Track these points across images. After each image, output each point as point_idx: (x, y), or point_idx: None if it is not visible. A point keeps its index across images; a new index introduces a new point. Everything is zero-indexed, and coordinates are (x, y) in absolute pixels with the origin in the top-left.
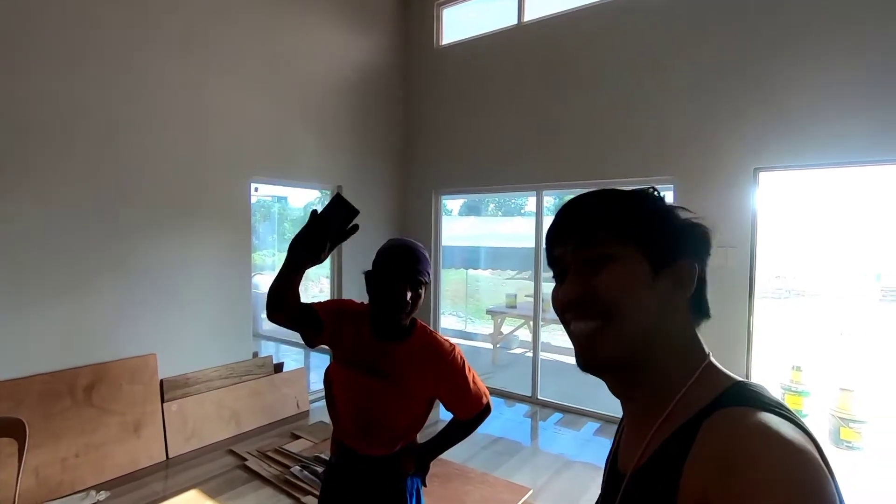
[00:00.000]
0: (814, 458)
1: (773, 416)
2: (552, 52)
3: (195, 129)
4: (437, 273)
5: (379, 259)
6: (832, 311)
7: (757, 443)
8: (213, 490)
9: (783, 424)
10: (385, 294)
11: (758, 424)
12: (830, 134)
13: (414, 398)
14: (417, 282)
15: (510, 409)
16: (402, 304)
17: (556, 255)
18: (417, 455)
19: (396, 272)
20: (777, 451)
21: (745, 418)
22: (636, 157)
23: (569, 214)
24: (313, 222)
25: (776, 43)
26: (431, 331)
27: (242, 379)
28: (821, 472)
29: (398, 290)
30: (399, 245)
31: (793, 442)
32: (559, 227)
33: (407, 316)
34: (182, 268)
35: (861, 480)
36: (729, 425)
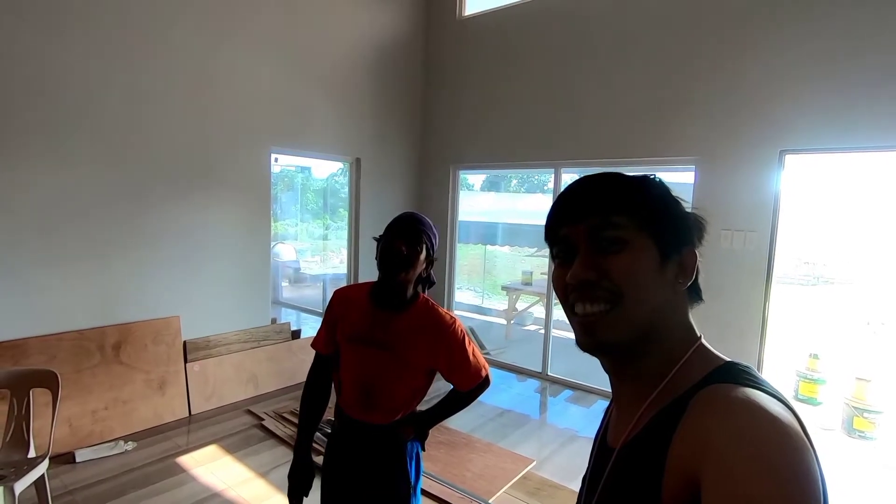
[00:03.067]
0: (797, 433)
1: (760, 392)
2: (575, 25)
3: (217, 100)
4: (452, 248)
5: (387, 227)
6: (861, 299)
7: (744, 418)
8: (232, 446)
9: (769, 400)
10: (382, 251)
11: (745, 400)
12: (862, 116)
13: (413, 368)
14: (415, 240)
15: (521, 384)
16: (395, 256)
17: (563, 234)
18: (417, 422)
19: (396, 231)
20: (763, 426)
21: (733, 393)
22: (658, 137)
23: (581, 195)
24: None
25: (806, 17)
26: (433, 303)
27: (261, 344)
28: (804, 447)
29: (395, 245)
30: (405, 213)
31: (778, 417)
32: (570, 207)
33: (404, 272)
34: (204, 235)
35: (872, 471)
36: (717, 400)
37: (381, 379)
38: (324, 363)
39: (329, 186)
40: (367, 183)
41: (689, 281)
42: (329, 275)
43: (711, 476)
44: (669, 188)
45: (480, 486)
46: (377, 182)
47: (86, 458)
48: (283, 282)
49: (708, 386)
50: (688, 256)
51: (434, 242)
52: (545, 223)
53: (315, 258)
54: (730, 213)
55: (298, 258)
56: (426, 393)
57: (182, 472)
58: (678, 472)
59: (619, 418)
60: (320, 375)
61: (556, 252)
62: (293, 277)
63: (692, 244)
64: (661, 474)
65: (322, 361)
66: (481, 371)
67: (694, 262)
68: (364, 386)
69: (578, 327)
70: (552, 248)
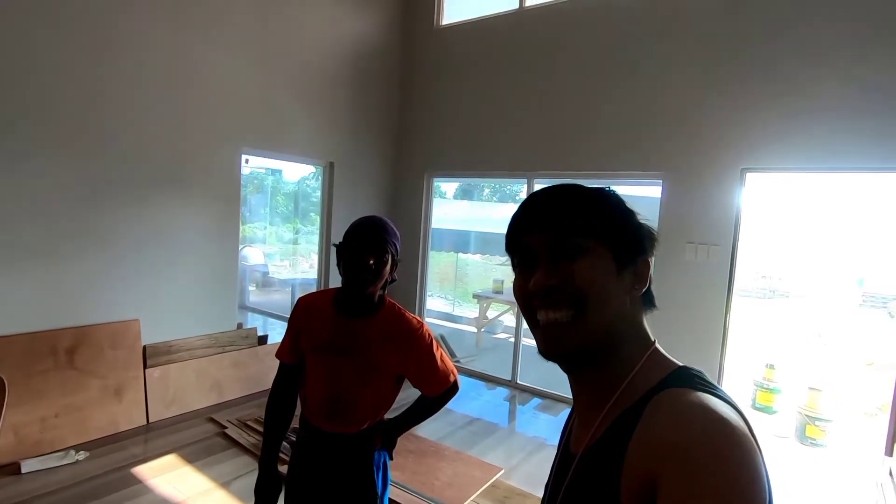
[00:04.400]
0: (746, 435)
1: (711, 395)
2: (550, 41)
3: (185, 97)
4: (425, 255)
5: (346, 233)
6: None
7: (696, 421)
8: (192, 455)
9: (720, 404)
10: (348, 262)
11: (697, 404)
12: (818, 139)
13: (381, 375)
14: (380, 250)
15: (490, 392)
16: (363, 271)
17: (525, 242)
18: (384, 431)
19: (358, 240)
20: (714, 429)
21: (686, 397)
22: (627, 151)
23: (543, 205)
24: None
25: (770, 46)
26: (400, 308)
27: (226, 349)
28: (752, 448)
29: (359, 256)
30: (364, 218)
31: (729, 420)
32: (532, 217)
33: (372, 285)
34: (169, 236)
35: (822, 477)
36: (671, 404)
37: (349, 388)
38: (288, 373)
39: (301, 190)
40: (340, 187)
41: (644, 288)
42: (298, 279)
43: (666, 478)
44: (624, 200)
45: (449, 495)
46: (350, 187)
47: (32, 468)
48: (251, 286)
49: (662, 391)
50: (642, 265)
51: (398, 246)
52: (507, 232)
53: (284, 263)
54: (694, 227)
55: (267, 262)
56: (393, 401)
57: (137, 483)
58: (635, 476)
59: (581, 424)
60: (285, 385)
61: (517, 261)
62: (261, 282)
63: (646, 253)
64: (619, 478)
65: (287, 371)
66: (449, 376)
67: (648, 270)
68: (331, 396)
69: (542, 335)
70: (513, 258)
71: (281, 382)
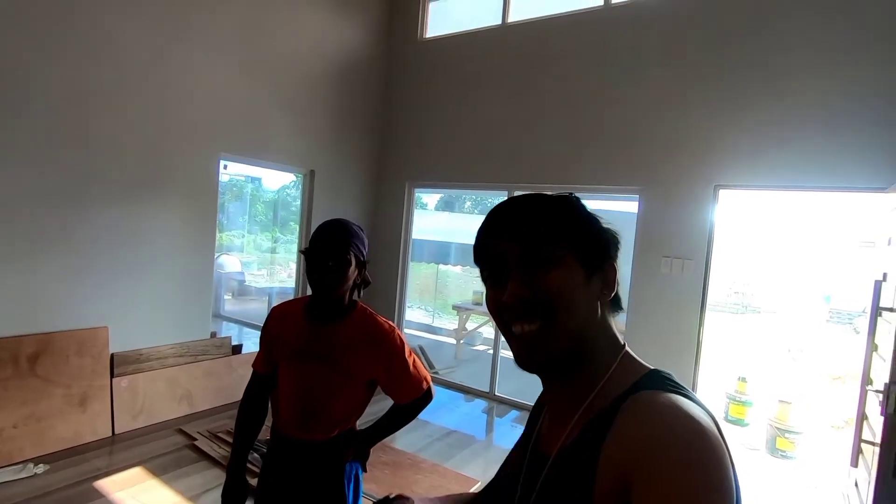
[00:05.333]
0: (717, 437)
1: (682, 397)
2: (532, 56)
3: (164, 101)
4: (405, 266)
5: (311, 237)
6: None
7: (669, 423)
8: (159, 468)
9: (691, 405)
10: (310, 266)
11: (669, 405)
12: (787, 159)
13: (352, 380)
14: (340, 252)
15: (468, 404)
16: (324, 273)
17: (495, 254)
18: (356, 441)
19: (319, 244)
20: (686, 430)
21: (658, 399)
22: (606, 166)
23: (511, 215)
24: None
25: (742, 67)
26: (371, 312)
27: (198, 358)
28: (722, 449)
29: (320, 260)
30: (328, 222)
31: (700, 422)
32: (502, 227)
33: (335, 288)
34: (142, 241)
35: (792, 489)
36: (643, 406)
37: (321, 393)
38: (260, 382)
39: (280, 198)
40: (321, 196)
41: (612, 293)
42: (276, 288)
43: (639, 479)
44: (586, 206)
45: None
46: (331, 196)
47: None
48: (227, 294)
49: (635, 393)
50: (609, 270)
51: (363, 247)
52: (476, 243)
53: (262, 271)
54: (670, 241)
55: (244, 270)
56: (365, 408)
57: (100, 497)
58: (609, 477)
59: (553, 426)
60: (257, 394)
61: (487, 274)
62: (237, 290)
63: (612, 258)
64: (594, 479)
65: (259, 380)
66: (422, 384)
67: (615, 275)
68: (303, 402)
69: (518, 346)
70: (483, 269)
71: (252, 391)
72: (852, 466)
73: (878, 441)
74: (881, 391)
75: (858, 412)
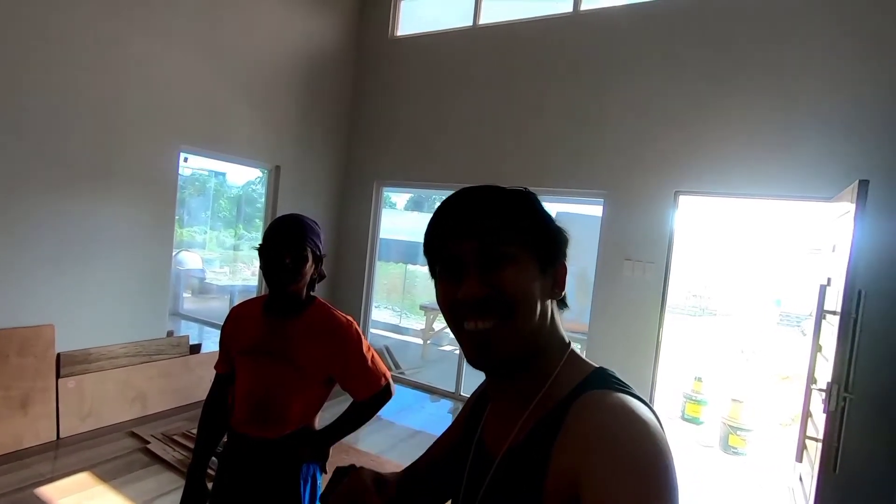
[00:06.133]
0: (664, 439)
1: (631, 397)
2: (502, 59)
3: (122, 89)
4: (372, 265)
5: (264, 233)
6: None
7: (620, 423)
8: (108, 473)
9: (639, 405)
10: (267, 262)
11: (620, 405)
12: (743, 168)
13: (306, 376)
14: (297, 247)
15: (434, 405)
16: (281, 270)
17: (450, 250)
18: (313, 441)
19: (275, 239)
20: (637, 434)
21: (608, 400)
22: (572, 170)
23: (467, 210)
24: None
25: (701, 80)
26: (329, 306)
27: (153, 358)
28: (669, 450)
29: (277, 256)
30: (282, 217)
31: (648, 423)
32: (457, 223)
33: (292, 283)
34: (94, 235)
35: (743, 484)
36: (595, 407)
37: (274, 390)
38: (221, 382)
39: (245, 194)
40: (287, 192)
41: (562, 291)
42: (238, 286)
43: (589, 480)
44: (541, 202)
45: None
46: (297, 192)
47: None
48: (186, 292)
49: (584, 393)
50: (560, 269)
51: (319, 241)
52: (427, 238)
53: (224, 269)
54: (633, 245)
55: (205, 268)
56: (322, 405)
57: None
58: (559, 478)
59: (499, 425)
60: (218, 395)
61: (439, 268)
62: (198, 288)
63: (564, 257)
64: (543, 481)
65: (220, 381)
66: (380, 379)
67: (565, 274)
68: (257, 398)
69: (470, 344)
70: (435, 265)
71: (214, 392)
72: (797, 461)
73: (821, 437)
74: (824, 390)
75: (803, 410)
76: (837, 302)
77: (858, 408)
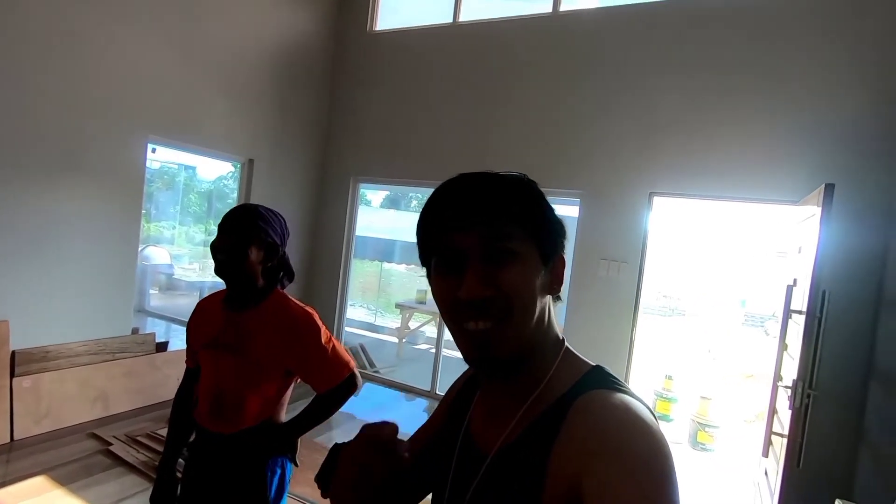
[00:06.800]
0: (665, 439)
1: (631, 398)
2: (481, 57)
3: (86, 75)
4: (347, 262)
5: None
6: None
7: (624, 427)
8: (66, 477)
9: (641, 408)
10: (213, 254)
11: (623, 408)
12: (714, 171)
13: (264, 369)
14: (237, 235)
15: (409, 403)
16: (218, 261)
17: (450, 242)
18: (276, 434)
19: (219, 230)
20: (643, 436)
21: (610, 401)
22: (550, 169)
23: (469, 199)
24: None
25: (676, 80)
26: (288, 298)
27: (116, 356)
28: (670, 451)
29: (221, 246)
30: (233, 208)
31: (651, 426)
32: (457, 213)
33: (239, 274)
34: (53, 228)
35: (710, 479)
36: (598, 409)
37: (232, 384)
38: (191, 377)
39: (217, 189)
40: (260, 187)
41: (560, 286)
42: (208, 283)
43: (593, 482)
44: (542, 191)
45: None
46: (271, 187)
47: None
48: (153, 289)
49: (584, 393)
50: (559, 263)
51: (273, 232)
52: (423, 228)
53: (193, 265)
54: (608, 245)
55: (174, 263)
56: (282, 400)
57: None
58: (559, 479)
59: (490, 422)
60: (187, 390)
61: (437, 262)
62: (165, 284)
63: (563, 250)
64: (542, 483)
65: (189, 375)
66: (343, 370)
67: (563, 268)
68: (215, 393)
69: (472, 343)
70: (431, 257)
71: (183, 387)
72: (763, 456)
73: (786, 433)
74: (790, 387)
75: (770, 406)
76: (803, 302)
77: (822, 404)
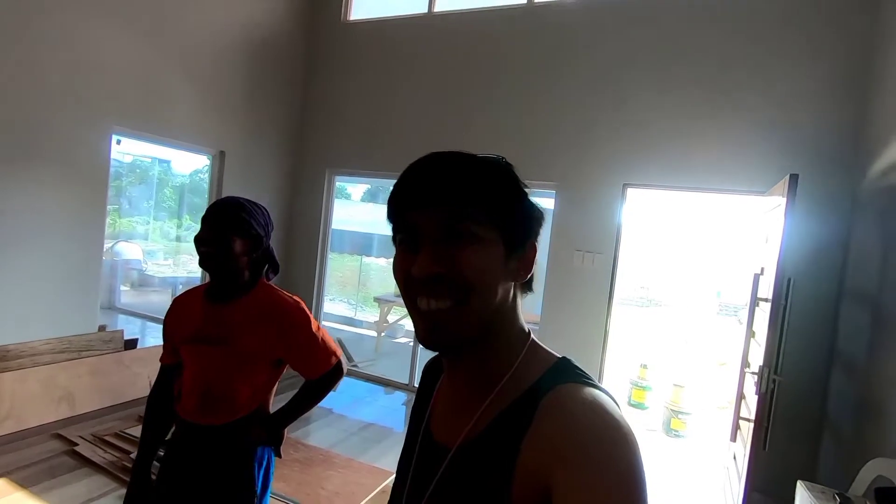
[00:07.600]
0: (633, 432)
1: (600, 392)
2: (456, 47)
3: (43, 61)
4: (324, 256)
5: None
6: (682, 320)
7: (594, 424)
8: (28, 479)
9: (610, 402)
10: (197, 247)
11: (594, 404)
12: (686, 163)
13: (253, 360)
14: (222, 228)
15: (388, 397)
16: (203, 255)
17: (410, 220)
18: (266, 423)
19: (203, 224)
20: (610, 430)
21: (581, 396)
22: (525, 161)
23: (434, 178)
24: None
25: (649, 71)
26: (275, 288)
27: (82, 355)
28: (638, 447)
29: (205, 238)
30: (217, 200)
31: (621, 421)
32: (420, 190)
33: (225, 267)
34: (10, 222)
35: (683, 464)
36: (568, 404)
37: (219, 376)
38: (166, 373)
39: (192, 183)
40: (233, 179)
41: (529, 275)
42: (181, 278)
43: (564, 474)
44: (517, 175)
45: None
46: (244, 179)
47: None
48: (124, 285)
49: (554, 387)
50: (530, 250)
51: (256, 223)
52: (390, 202)
53: (167, 261)
54: (583, 236)
55: (147, 259)
56: (273, 387)
57: None
58: (529, 477)
59: (451, 414)
60: (163, 387)
61: (400, 239)
62: (137, 280)
63: (535, 237)
64: (511, 478)
65: (165, 372)
66: (331, 357)
67: (534, 255)
68: (202, 387)
69: (423, 323)
70: (396, 233)
71: (158, 384)
72: (731, 441)
73: (753, 418)
74: (756, 373)
75: (738, 392)
76: (769, 290)
77: (787, 390)
